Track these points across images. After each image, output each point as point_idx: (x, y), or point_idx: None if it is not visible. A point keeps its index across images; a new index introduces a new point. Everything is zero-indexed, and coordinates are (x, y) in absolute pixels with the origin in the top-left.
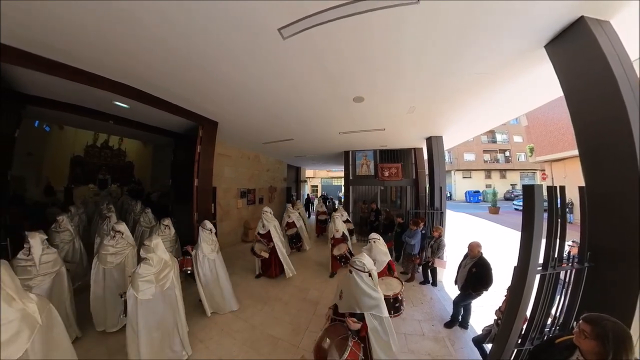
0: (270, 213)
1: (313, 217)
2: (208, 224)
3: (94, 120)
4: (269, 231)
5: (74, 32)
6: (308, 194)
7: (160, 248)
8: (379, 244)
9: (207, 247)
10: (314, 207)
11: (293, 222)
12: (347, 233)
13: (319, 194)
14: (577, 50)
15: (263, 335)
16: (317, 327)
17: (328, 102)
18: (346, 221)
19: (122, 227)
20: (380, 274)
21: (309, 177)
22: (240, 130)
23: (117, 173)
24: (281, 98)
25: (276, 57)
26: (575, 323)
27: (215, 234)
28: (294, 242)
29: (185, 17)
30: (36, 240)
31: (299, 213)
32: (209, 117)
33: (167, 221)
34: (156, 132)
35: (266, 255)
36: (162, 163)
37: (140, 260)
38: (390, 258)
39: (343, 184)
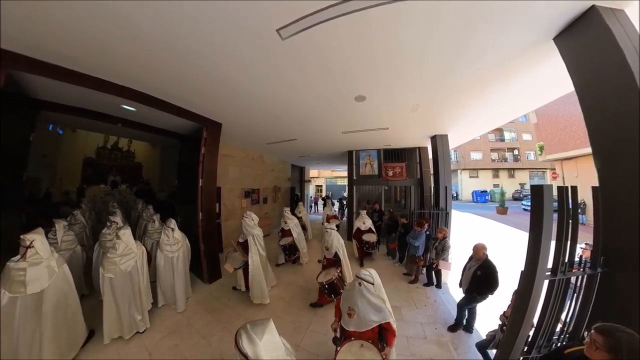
0: (252, 220)
1: (312, 217)
2: (169, 222)
3: (103, 123)
4: (246, 241)
5: (81, 40)
6: (297, 195)
7: (126, 237)
8: (367, 291)
9: (166, 245)
10: (318, 208)
11: (289, 230)
12: (341, 254)
13: (324, 194)
14: (589, 42)
15: None
16: (318, 327)
17: (330, 102)
18: (368, 230)
19: (117, 218)
20: (360, 335)
21: (314, 177)
22: (244, 131)
23: (126, 174)
24: (283, 98)
25: (276, 57)
26: (586, 333)
27: (220, 232)
28: (288, 253)
29: (185, 21)
30: (60, 226)
31: (302, 218)
32: (213, 118)
33: (172, 224)
34: (162, 133)
35: (230, 269)
36: (169, 164)
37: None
38: (388, 318)
39: (347, 183)
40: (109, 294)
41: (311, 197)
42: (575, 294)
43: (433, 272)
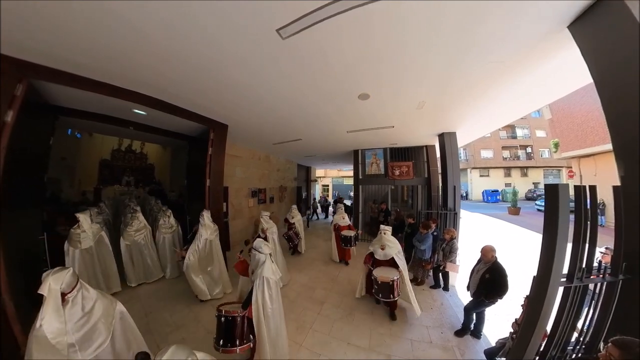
0: (205, 220)
1: (309, 217)
2: (167, 211)
3: (117, 127)
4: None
5: (96, 49)
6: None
7: (141, 218)
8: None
9: (163, 228)
10: (316, 212)
11: (265, 238)
12: (260, 294)
13: (330, 194)
14: (608, 28)
15: None
16: (322, 327)
17: (333, 101)
18: (389, 262)
19: (138, 207)
20: None
21: (320, 177)
22: (250, 132)
23: (139, 175)
24: (286, 99)
25: (278, 58)
26: (603, 344)
27: (227, 230)
28: None
29: (188, 25)
30: (93, 212)
31: (295, 225)
32: (219, 120)
33: (169, 212)
34: (171, 135)
35: (178, 256)
36: (179, 165)
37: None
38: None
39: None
40: (127, 256)
41: (318, 198)
42: (594, 302)
43: (440, 274)
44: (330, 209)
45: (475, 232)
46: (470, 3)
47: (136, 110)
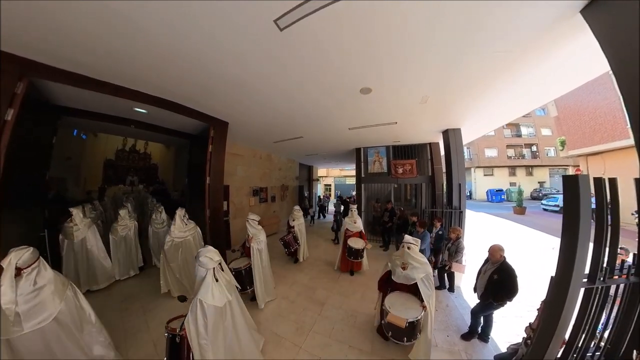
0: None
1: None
2: (159, 207)
3: (118, 126)
4: None
5: (97, 47)
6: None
7: (123, 214)
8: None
9: (155, 223)
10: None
11: (249, 248)
12: (197, 326)
13: (332, 193)
14: (628, 10)
15: (266, 332)
16: (322, 328)
17: (334, 96)
18: (412, 285)
19: (128, 204)
20: None
21: (322, 176)
22: (251, 130)
23: (143, 174)
24: (286, 94)
25: (277, 52)
26: (635, 353)
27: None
28: (241, 282)
29: (191, 26)
30: (81, 209)
31: (294, 228)
32: (219, 117)
33: (161, 208)
34: (173, 134)
35: None
36: (182, 164)
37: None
38: None
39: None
40: (114, 249)
41: (319, 196)
42: (616, 305)
43: (445, 274)
44: (332, 207)
45: (481, 232)
46: None
47: (137, 109)
